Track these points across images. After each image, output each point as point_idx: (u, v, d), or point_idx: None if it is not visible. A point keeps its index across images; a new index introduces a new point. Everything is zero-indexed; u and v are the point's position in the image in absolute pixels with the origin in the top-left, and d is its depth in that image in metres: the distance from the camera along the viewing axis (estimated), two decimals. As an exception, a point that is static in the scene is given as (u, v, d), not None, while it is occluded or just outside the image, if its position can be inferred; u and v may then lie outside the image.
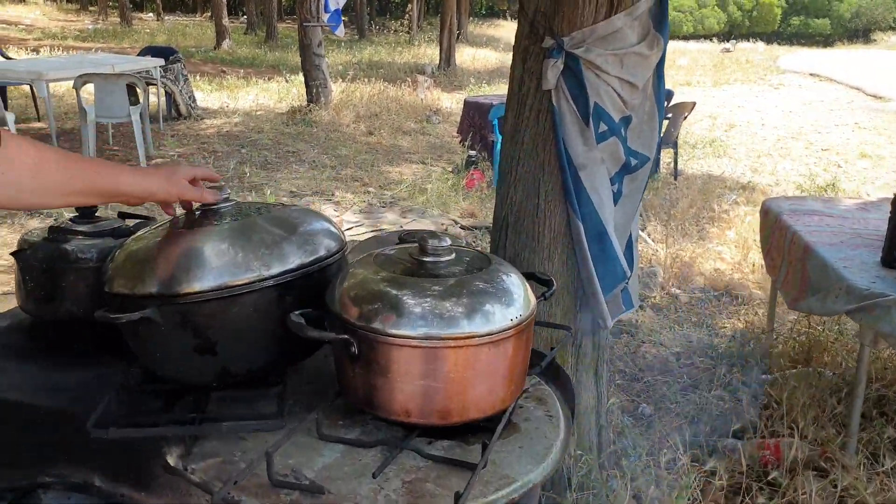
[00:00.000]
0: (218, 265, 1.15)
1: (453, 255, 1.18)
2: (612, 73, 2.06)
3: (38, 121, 7.97)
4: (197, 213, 1.26)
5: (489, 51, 20.19)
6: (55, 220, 4.33)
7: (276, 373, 1.27)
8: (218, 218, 1.24)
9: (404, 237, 1.49)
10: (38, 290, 1.34)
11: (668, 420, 2.83)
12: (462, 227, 5.57)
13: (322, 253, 1.25)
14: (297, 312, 1.10)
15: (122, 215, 1.53)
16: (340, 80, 11.75)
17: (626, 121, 2.22)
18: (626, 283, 2.37)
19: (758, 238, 4.94)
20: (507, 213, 2.35)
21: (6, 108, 7.50)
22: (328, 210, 5.79)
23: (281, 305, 1.19)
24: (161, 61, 8.25)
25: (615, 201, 2.31)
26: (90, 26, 21.25)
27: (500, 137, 6.79)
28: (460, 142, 8.00)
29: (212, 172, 1.29)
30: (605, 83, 2.08)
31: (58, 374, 1.30)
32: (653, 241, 5.11)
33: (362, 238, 5.10)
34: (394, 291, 1.09)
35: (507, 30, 26.35)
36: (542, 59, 2.09)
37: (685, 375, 3.20)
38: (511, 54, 2.29)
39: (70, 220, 1.42)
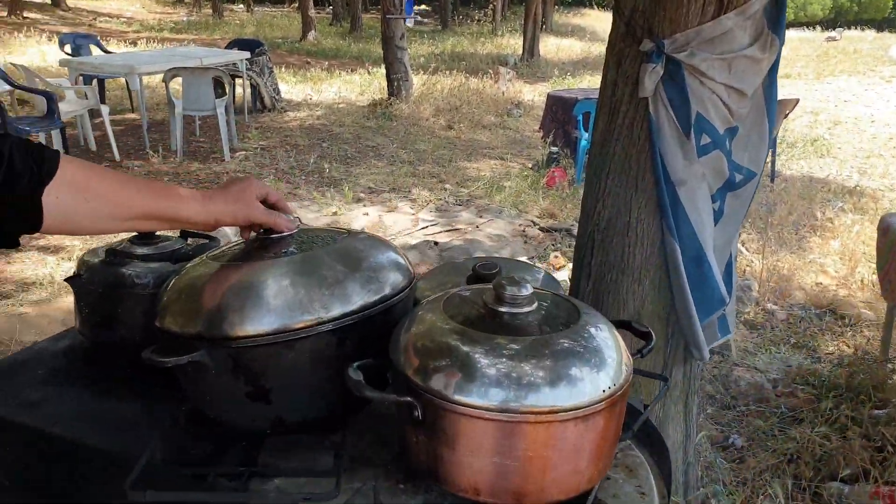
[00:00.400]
0: (275, 306, 1.03)
1: (535, 305, 1.02)
2: (718, 79, 1.84)
3: (132, 112, 8.25)
4: (260, 237, 1.16)
5: (574, 41, 19.69)
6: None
7: (335, 420, 1.16)
8: (279, 249, 1.13)
9: (479, 269, 1.34)
10: (94, 316, 1.27)
11: (764, 457, 2.57)
12: (541, 229, 5.38)
13: (388, 291, 1.12)
14: (355, 365, 0.98)
15: (185, 234, 1.45)
16: (422, 71, 11.69)
17: (732, 132, 1.99)
18: (724, 309, 2.15)
19: (867, 250, 4.53)
20: (593, 230, 2.16)
21: (104, 100, 7.82)
22: (404, 207, 5.71)
23: (341, 351, 1.06)
24: (247, 54, 8.38)
25: (716, 220, 2.09)
26: (185, 18, 22.07)
27: (584, 134, 6.53)
28: (542, 137, 7.77)
29: (283, 201, 1.17)
30: (709, 91, 1.86)
31: (106, 404, 1.23)
32: (747, 250, 4.77)
33: (437, 237, 4.99)
34: (464, 348, 0.94)
35: (593, 19, 25.67)
36: (638, 63, 1.89)
37: (783, 406, 2.92)
38: (597, 44, 2.10)
39: (129, 240, 1.35)
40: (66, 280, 1.27)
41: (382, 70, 10.37)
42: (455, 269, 1.50)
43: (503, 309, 1.00)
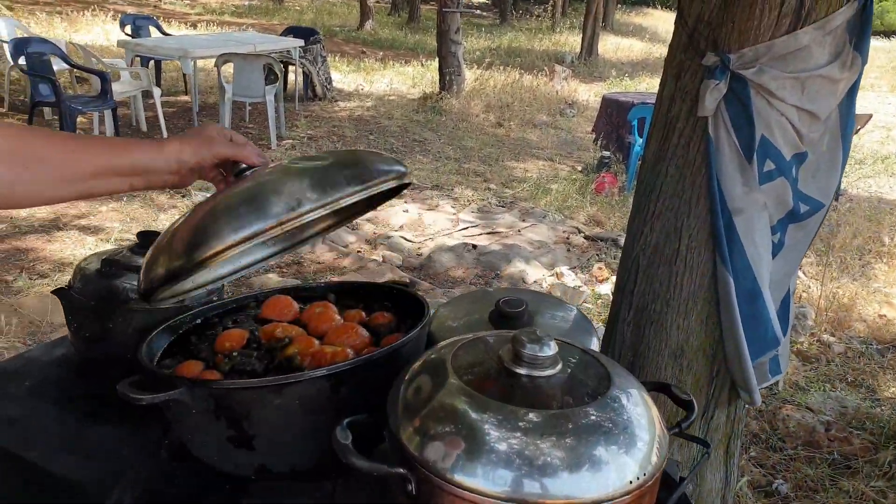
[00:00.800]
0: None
1: (558, 368, 0.88)
2: (788, 100, 1.66)
3: (185, 94, 8.32)
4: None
5: (635, 40, 19.21)
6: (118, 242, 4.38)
7: (328, 468, 1.04)
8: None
9: (502, 305, 1.20)
10: (83, 331, 1.18)
11: (812, 508, 2.37)
12: (586, 237, 5.18)
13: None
14: (346, 423, 0.85)
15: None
16: (476, 66, 11.51)
17: (800, 158, 1.80)
18: (777, 350, 1.96)
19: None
20: (638, 254, 2.00)
21: (159, 82, 7.90)
22: (446, 206, 5.59)
23: (334, 399, 0.95)
24: (301, 42, 8.36)
25: (774, 253, 1.90)
26: (246, 3, 22.32)
27: (638, 140, 6.29)
28: (594, 140, 7.55)
29: (251, 144, 1.05)
30: (777, 112, 1.68)
31: (88, 427, 1.14)
32: (805, 274, 4.50)
33: (476, 240, 4.85)
34: (472, 415, 0.81)
35: (655, 19, 25.01)
36: (699, 79, 1.72)
37: (836, 452, 2.70)
38: (658, 45, 1.93)
39: (129, 249, 1.25)
40: (53, 293, 1.18)
41: (436, 63, 10.25)
42: (479, 298, 1.37)
43: (521, 370, 0.86)
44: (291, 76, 8.80)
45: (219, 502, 1.01)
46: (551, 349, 0.87)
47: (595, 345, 1.25)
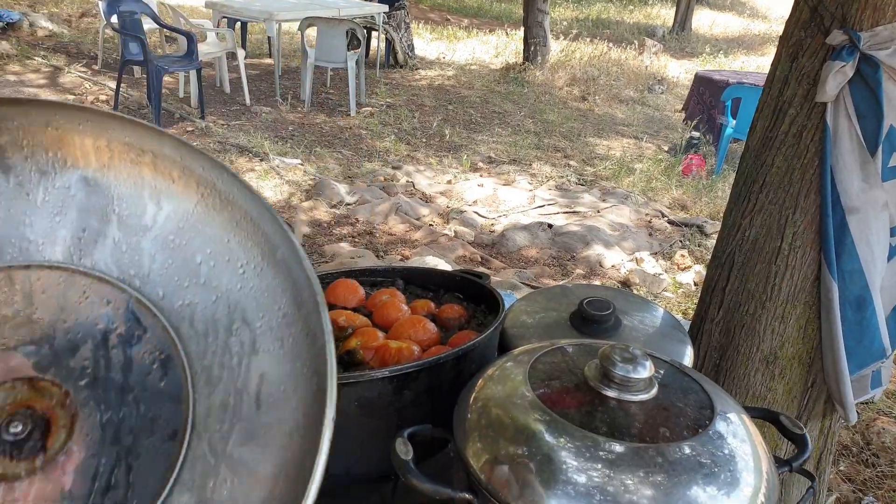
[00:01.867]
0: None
1: (653, 392, 0.76)
2: (927, 87, 1.45)
3: (269, 57, 8.40)
4: None
5: (732, 16, 18.21)
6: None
7: (385, 473, 0.97)
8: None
9: (587, 307, 1.08)
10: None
11: (906, 535, 2.17)
12: (669, 222, 4.94)
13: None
14: (406, 434, 0.77)
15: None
16: (562, 37, 11.16)
17: (933, 153, 1.59)
18: (883, 362, 1.77)
19: None
20: (734, 250, 1.83)
21: (244, 44, 8.00)
22: (522, 182, 5.44)
23: (396, 402, 0.86)
24: (385, 7, 8.28)
25: (890, 257, 1.70)
26: (334, -34, 22.37)
27: (731, 121, 5.94)
28: (683, 119, 7.20)
29: None
30: (912, 100, 1.47)
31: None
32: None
33: (552, 219, 4.69)
34: (549, 439, 0.71)
35: (756, -8, 23.63)
36: (821, 60, 1.53)
37: (937, 474, 2.47)
38: (758, 22, 1.74)
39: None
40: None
41: (521, 33, 9.98)
42: (559, 296, 1.25)
43: (609, 393, 0.76)
44: (374, 42, 8.75)
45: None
46: (646, 370, 0.76)
47: (689, 357, 1.13)
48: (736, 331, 1.85)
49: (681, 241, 4.62)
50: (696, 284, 4.08)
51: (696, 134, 6.63)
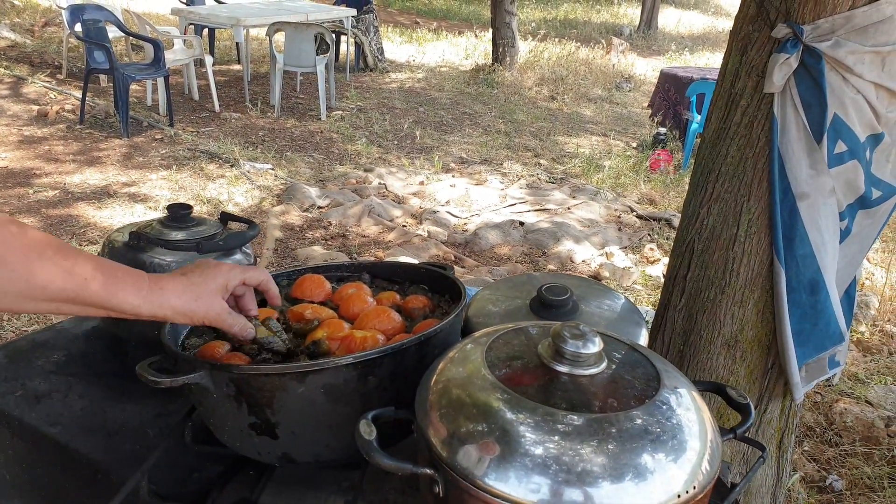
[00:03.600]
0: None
1: (602, 366, 0.81)
2: (866, 76, 1.52)
3: (238, 63, 8.36)
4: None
5: (697, 13, 18.50)
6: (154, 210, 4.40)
7: (354, 459, 0.99)
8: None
9: (545, 293, 1.13)
10: (112, 305, 1.15)
11: (868, 509, 2.25)
12: (638, 216, 5.03)
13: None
14: (370, 416, 0.80)
15: (225, 218, 1.31)
16: (531, 38, 11.26)
17: (875, 140, 1.66)
18: (840, 345, 1.84)
19: None
20: (693, 238, 1.89)
21: (213, 50, 7.95)
22: (494, 182, 5.49)
23: (361, 388, 0.89)
24: (353, 11, 8.28)
25: (841, 240, 1.77)
26: (301, -29, 22.29)
27: (696, 117, 6.06)
28: (650, 116, 7.31)
29: (268, 282, 0.95)
30: (853, 89, 1.54)
31: (114, 406, 1.12)
32: (869, 261, 4.27)
33: (524, 217, 4.75)
34: (507, 415, 0.75)
35: (720, -10, 24.03)
36: (768, 52, 1.59)
37: (897, 451, 2.56)
38: (722, 19, 1.80)
39: (160, 221, 1.22)
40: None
41: (489, 34, 10.06)
42: (523, 283, 1.29)
43: (562, 368, 0.80)
44: (343, 46, 8.75)
45: (242, 488, 0.98)
46: (595, 345, 0.80)
47: (644, 336, 1.18)
48: (698, 317, 1.91)
49: (649, 235, 4.70)
50: (664, 277, 4.15)
51: (662, 130, 6.74)
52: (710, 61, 11.60)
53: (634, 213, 5.09)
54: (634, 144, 6.99)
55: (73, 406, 1.09)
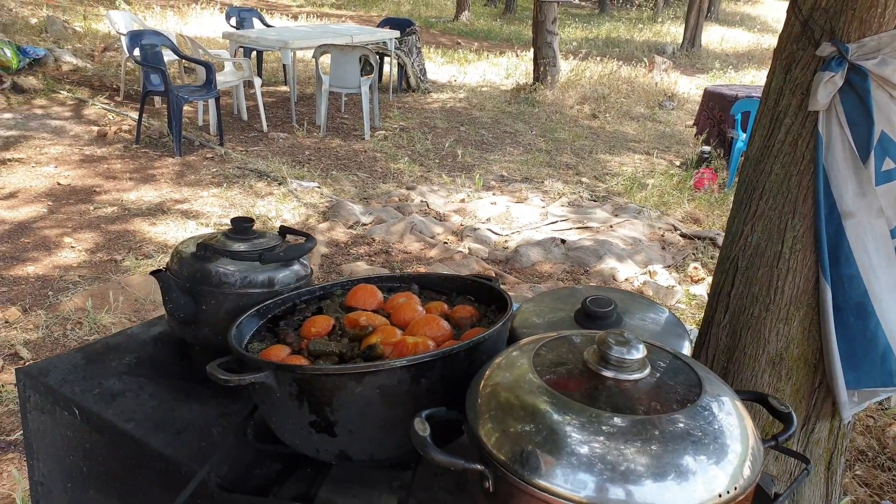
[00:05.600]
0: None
1: (646, 372, 0.84)
2: (914, 93, 1.52)
3: (285, 85, 8.60)
4: None
5: (742, 31, 18.32)
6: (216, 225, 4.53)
7: (407, 459, 1.04)
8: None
9: (589, 304, 1.16)
10: (178, 311, 1.23)
11: (922, 536, 2.19)
12: (682, 235, 5.00)
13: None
14: (424, 415, 0.85)
15: (283, 231, 1.39)
16: (572, 57, 11.31)
17: (925, 157, 1.65)
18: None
19: None
20: (737, 255, 1.90)
21: (261, 72, 8.20)
22: (535, 199, 5.52)
23: (414, 390, 0.94)
24: (397, 33, 8.46)
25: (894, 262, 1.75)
26: (346, -6, 22.79)
27: (741, 135, 6.01)
28: (695, 134, 7.26)
29: None
30: (901, 107, 1.54)
31: (182, 405, 1.18)
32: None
33: (565, 234, 4.77)
34: (554, 416, 0.79)
35: (766, 7, 23.77)
36: (812, 71, 1.61)
37: (953, 477, 2.49)
38: (768, 36, 1.81)
39: (224, 234, 1.30)
40: (151, 273, 1.23)
41: (530, 54, 10.14)
42: (566, 296, 1.33)
43: (607, 373, 0.83)
44: (386, 67, 8.93)
45: (300, 484, 1.03)
46: (639, 352, 0.83)
47: (687, 349, 1.20)
48: (742, 334, 1.91)
49: (693, 254, 4.67)
50: (708, 293, 4.11)
51: (706, 148, 6.69)
52: (756, 79, 11.47)
53: (678, 232, 5.05)
54: (678, 163, 6.95)
55: (145, 404, 1.16)
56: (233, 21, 8.34)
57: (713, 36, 16.73)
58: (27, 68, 7.63)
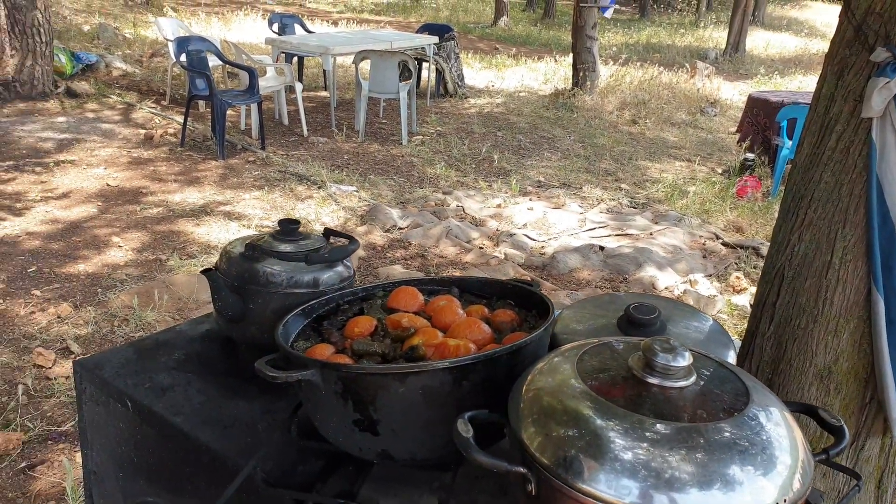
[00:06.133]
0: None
1: (692, 379, 0.83)
2: (974, 100, 1.48)
3: (325, 90, 8.71)
4: None
5: (788, 35, 17.96)
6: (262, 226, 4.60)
7: (448, 460, 1.05)
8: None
9: (632, 311, 1.15)
10: (226, 309, 1.26)
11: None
12: (724, 244, 4.91)
13: (518, 330, 0.98)
14: (467, 416, 0.85)
15: (328, 233, 1.41)
16: (612, 62, 11.22)
17: (984, 165, 1.60)
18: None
19: None
20: (783, 265, 1.86)
21: (301, 77, 8.32)
22: (573, 205, 5.49)
23: (456, 392, 0.95)
24: (435, 39, 8.50)
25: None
26: (385, 0, 23.01)
27: (787, 142, 5.89)
28: (738, 141, 7.14)
29: None
30: (959, 114, 1.50)
31: (228, 401, 1.21)
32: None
33: (603, 241, 4.73)
34: (598, 421, 0.78)
35: (814, 11, 23.28)
36: (865, 77, 1.57)
37: None
38: (815, 40, 1.78)
39: (272, 235, 1.32)
40: (202, 272, 1.26)
41: (569, 59, 10.09)
42: (607, 302, 1.32)
43: (652, 380, 0.83)
44: (425, 73, 8.98)
45: (343, 482, 1.04)
46: (685, 359, 0.82)
47: (732, 359, 1.18)
48: (788, 345, 1.87)
49: (736, 264, 4.59)
50: (752, 304, 4.04)
51: (750, 155, 6.57)
52: (803, 84, 11.23)
53: (720, 241, 4.97)
54: (720, 170, 6.84)
55: (193, 399, 1.19)
56: (275, 27, 8.48)
57: (758, 41, 16.43)
58: (80, 74, 7.88)
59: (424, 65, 8.81)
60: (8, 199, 4.73)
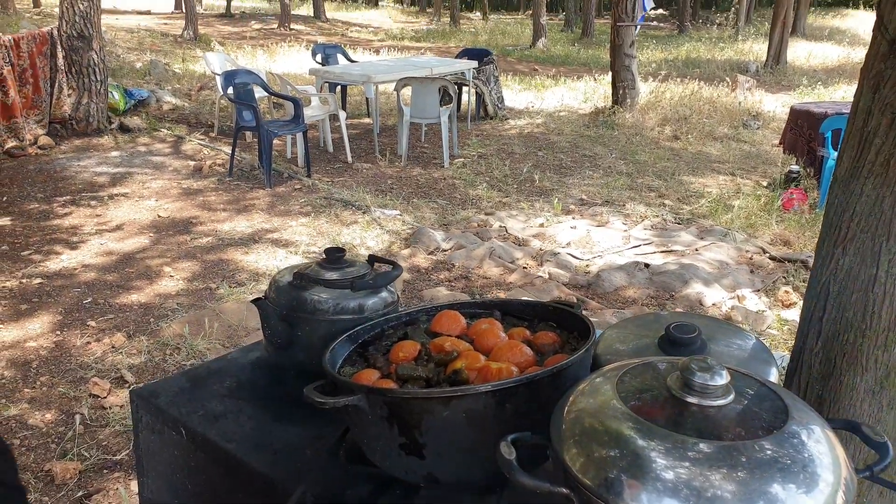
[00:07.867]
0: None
1: (731, 398, 0.84)
2: None
3: (368, 117, 8.88)
4: None
5: (830, 45, 17.59)
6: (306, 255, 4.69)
7: (493, 482, 1.07)
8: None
9: (673, 331, 1.16)
10: (275, 337, 1.31)
11: None
12: (771, 258, 4.82)
13: (558, 353, 1.01)
14: (510, 439, 0.88)
15: (372, 260, 1.46)
16: (651, 78, 11.17)
17: None
18: None
19: None
20: (828, 280, 1.84)
21: (345, 105, 8.51)
22: (616, 223, 5.46)
23: (499, 415, 0.98)
24: (475, 63, 8.61)
25: None
26: (424, 27, 23.39)
27: (832, 153, 5.77)
28: (782, 153, 7.01)
29: None
30: None
31: (278, 426, 1.26)
32: None
33: (649, 258, 4.69)
34: (638, 441, 0.80)
35: (856, 20, 22.78)
36: (904, 89, 1.55)
37: None
38: (858, 49, 1.77)
39: (318, 263, 1.38)
40: (252, 302, 1.32)
41: (608, 77, 10.09)
42: (649, 322, 1.33)
43: (691, 399, 0.84)
44: (465, 96, 9.08)
45: (390, 505, 1.07)
46: (722, 378, 0.84)
47: (774, 376, 1.18)
48: (837, 361, 1.84)
49: (784, 278, 4.50)
50: (800, 319, 3.95)
51: (795, 168, 6.45)
52: (847, 94, 10.97)
53: (767, 255, 4.88)
54: (765, 183, 6.72)
55: (244, 426, 1.24)
56: (318, 58, 8.71)
57: (799, 52, 16.15)
58: (132, 109, 8.22)
59: (465, 88, 8.92)
60: (65, 233, 4.95)
